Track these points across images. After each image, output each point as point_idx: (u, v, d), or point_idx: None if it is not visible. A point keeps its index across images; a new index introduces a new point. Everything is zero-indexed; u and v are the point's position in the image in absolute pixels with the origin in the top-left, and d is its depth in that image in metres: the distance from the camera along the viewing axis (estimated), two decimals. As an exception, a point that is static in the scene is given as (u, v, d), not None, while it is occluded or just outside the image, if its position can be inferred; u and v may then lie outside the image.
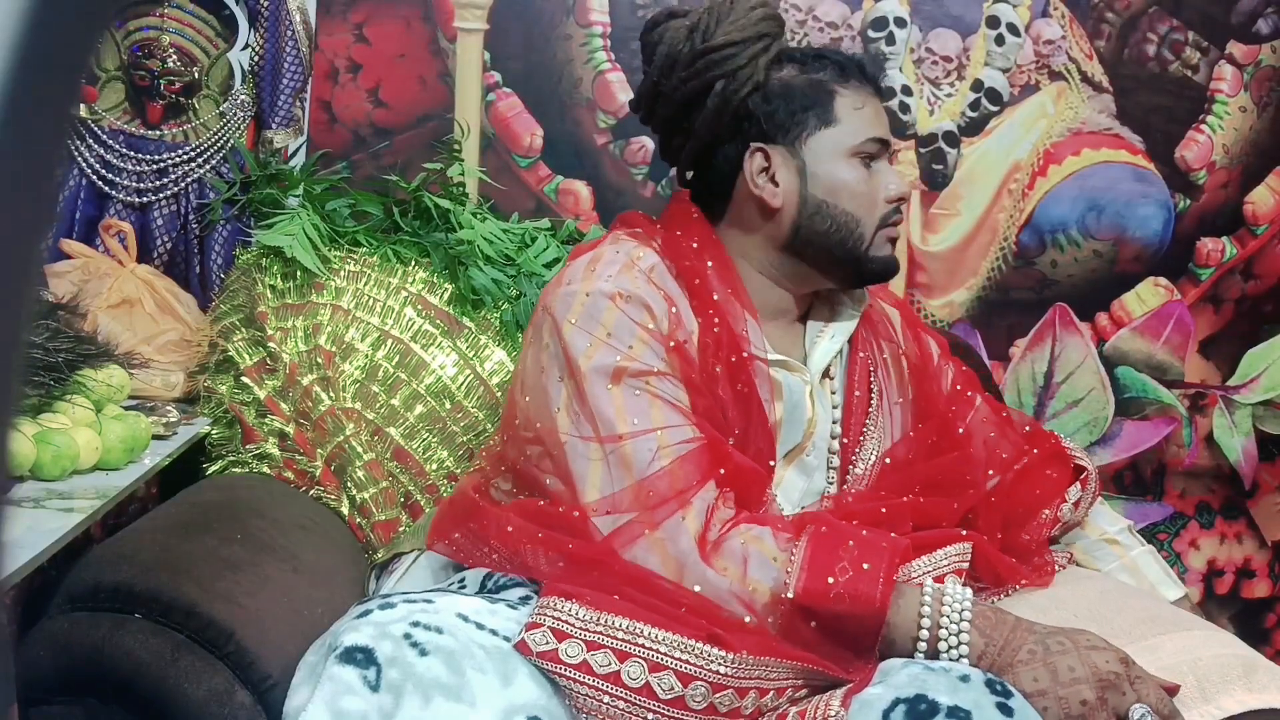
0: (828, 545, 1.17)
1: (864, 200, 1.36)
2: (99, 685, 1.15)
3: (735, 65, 1.35)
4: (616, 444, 1.21)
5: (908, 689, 1.11)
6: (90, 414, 1.41)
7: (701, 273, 1.33)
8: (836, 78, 1.37)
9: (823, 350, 1.41)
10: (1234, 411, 2.33)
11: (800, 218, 1.36)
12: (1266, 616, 2.38)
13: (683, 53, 1.37)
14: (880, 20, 2.19)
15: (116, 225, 1.91)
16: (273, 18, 1.97)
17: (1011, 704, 1.10)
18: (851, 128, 1.36)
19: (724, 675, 1.12)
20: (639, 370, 1.24)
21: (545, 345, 1.29)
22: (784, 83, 1.37)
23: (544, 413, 1.27)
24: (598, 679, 1.11)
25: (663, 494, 1.19)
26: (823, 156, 1.36)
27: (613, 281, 1.28)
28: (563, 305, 1.29)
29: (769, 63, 1.36)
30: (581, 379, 1.24)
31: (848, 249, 1.37)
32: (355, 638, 1.09)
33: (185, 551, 1.29)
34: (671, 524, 1.18)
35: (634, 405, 1.23)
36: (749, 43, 1.35)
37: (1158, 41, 2.26)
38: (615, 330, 1.25)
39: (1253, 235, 2.30)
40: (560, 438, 1.24)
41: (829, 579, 1.15)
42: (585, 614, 1.14)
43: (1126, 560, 1.52)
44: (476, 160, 2.10)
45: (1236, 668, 1.20)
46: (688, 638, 1.12)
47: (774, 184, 1.36)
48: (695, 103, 1.37)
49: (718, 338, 1.31)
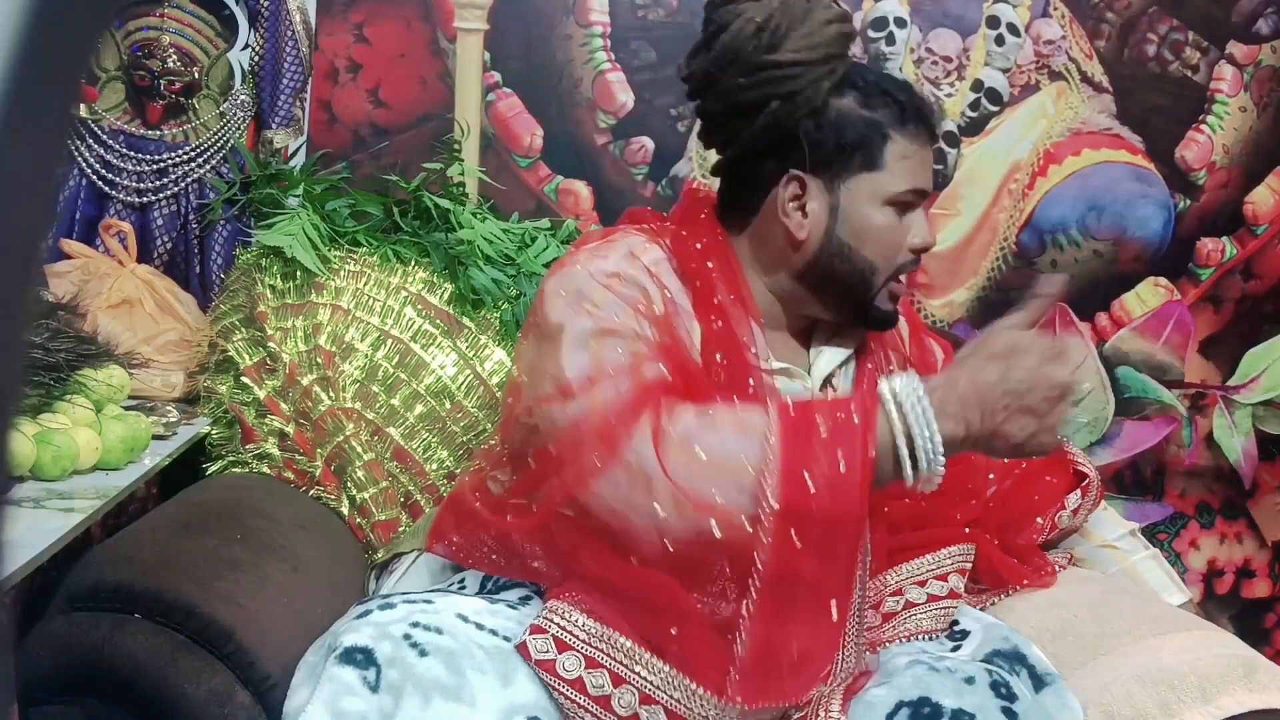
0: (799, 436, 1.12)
1: (888, 250, 1.32)
2: (99, 685, 1.15)
3: (799, 86, 1.27)
4: (587, 390, 1.16)
5: (911, 691, 1.11)
6: (90, 414, 1.41)
7: (704, 274, 1.31)
8: (894, 121, 1.30)
9: (827, 358, 1.38)
10: (1234, 411, 2.33)
11: (820, 255, 1.32)
12: (1266, 616, 2.38)
13: (746, 53, 1.28)
14: (880, 20, 2.19)
15: (116, 225, 1.91)
16: (273, 18, 1.97)
17: (1016, 708, 1.10)
18: (895, 176, 1.30)
19: (710, 718, 1.11)
20: (620, 330, 1.21)
21: (534, 317, 1.27)
22: (840, 114, 1.29)
23: (531, 383, 1.24)
24: (588, 699, 1.12)
25: (615, 417, 1.13)
26: (859, 199, 1.30)
27: (611, 263, 1.26)
28: (557, 281, 1.27)
29: (831, 88, 1.29)
30: (561, 340, 1.20)
31: (855, 295, 1.33)
32: (355, 638, 1.09)
33: (185, 551, 1.29)
34: (626, 442, 1.12)
35: (611, 354, 1.18)
36: (816, 65, 1.27)
37: (1158, 41, 2.26)
38: (602, 304, 1.23)
39: (1253, 235, 2.30)
40: (540, 403, 1.20)
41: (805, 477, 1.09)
42: (590, 626, 1.13)
43: (1127, 566, 1.51)
44: (476, 160, 2.10)
45: (1237, 668, 1.20)
46: (685, 676, 1.11)
47: (803, 214, 1.31)
48: (746, 111, 1.30)
49: (719, 337, 1.29)
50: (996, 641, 1.26)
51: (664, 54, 2.14)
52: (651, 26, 2.15)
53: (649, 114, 2.16)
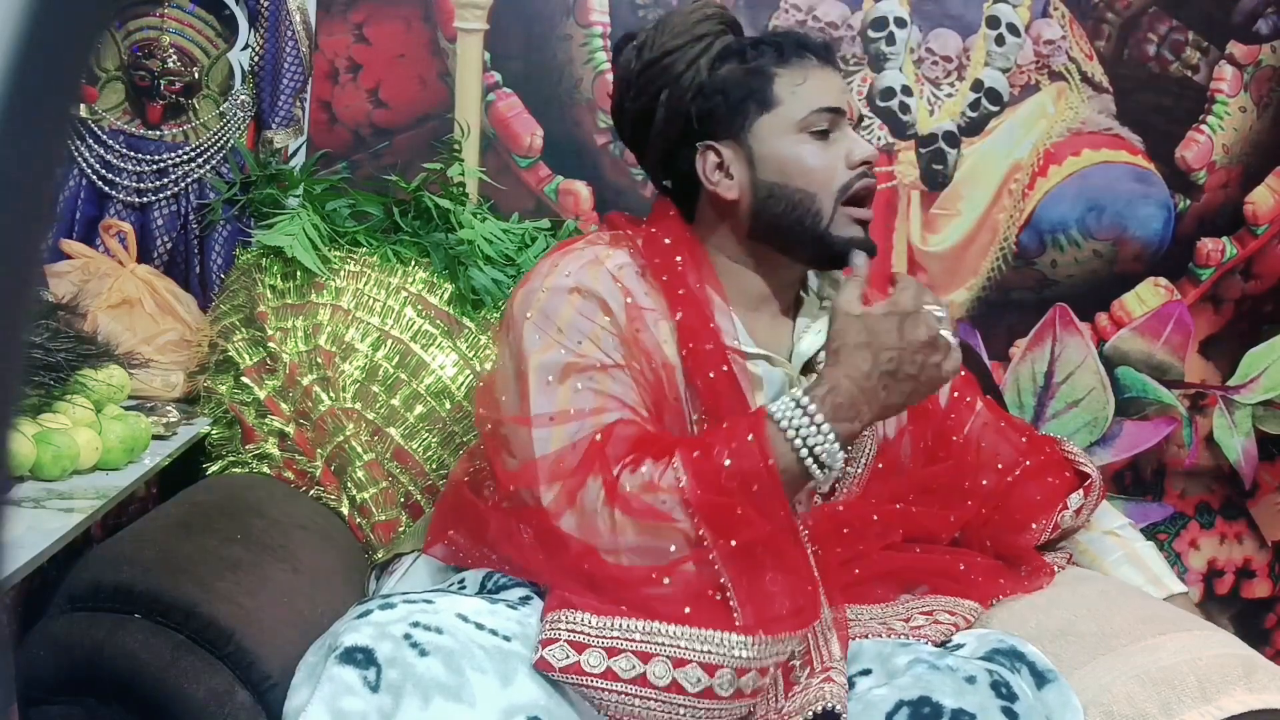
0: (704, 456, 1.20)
1: (818, 175, 1.34)
2: (99, 685, 1.15)
3: (676, 72, 1.36)
4: (548, 425, 1.23)
5: (911, 690, 1.11)
6: (90, 414, 1.41)
7: (671, 268, 1.34)
8: (774, 61, 1.36)
9: (809, 343, 1.40)
10: (1234, 411, 2.33)
11: (755, 204, 1.35)
12: (1266, 616, 2.38)
13: (634, 70, 1.38)
14: (880, 20, 2.19)
15: (116, 225, 1.91)
16: (273, 18, 1.97)
17: (1016, 708, 1.10)
18: (794, 104, 1.35)
19: (747, 659, 1.13)
20: (585, 366, 1.26)
21: (506, 344, 1.32)
22: (722, 78, 1.36)
23: (503, 407, 1.29)
24: (624, 684, 1.12)
25: (574, 463, 1.21)
26: (768, 140, 1.35)
27: (572, 277, 1.30)
28: (522, 304, 1.31)
29: (710, 62, 1.37)
30: (528, 374, 1.26)
31: (806, 227, 1.35)
32: (355, 638, 1.09)
33: (185, 551, 1.29)
34: (585, 488, 1.19)
35: (576, 399, 1.24)
36: (686, 47, 1.36)
37: (1158, 41, 2.26)
38: (567, 328, 1.27)
39: (1253, 235, 2.31)
40: (509, 427, 1.27)
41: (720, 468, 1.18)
42: (598, 621, 1.14)
43: (1129, 550, 1.50)
44: (476, 160, 2.10)
45: (1236, 668, 1.20)
46: (705, 628, 1.13)
47: (729, 177, 1.36)
48: (649, 116, 1.39)
49: (691, 327, 1.32)
50: (995, 640, 1.26)
51: (664, 54, 2.14)
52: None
53: (649, 114, 2.16)
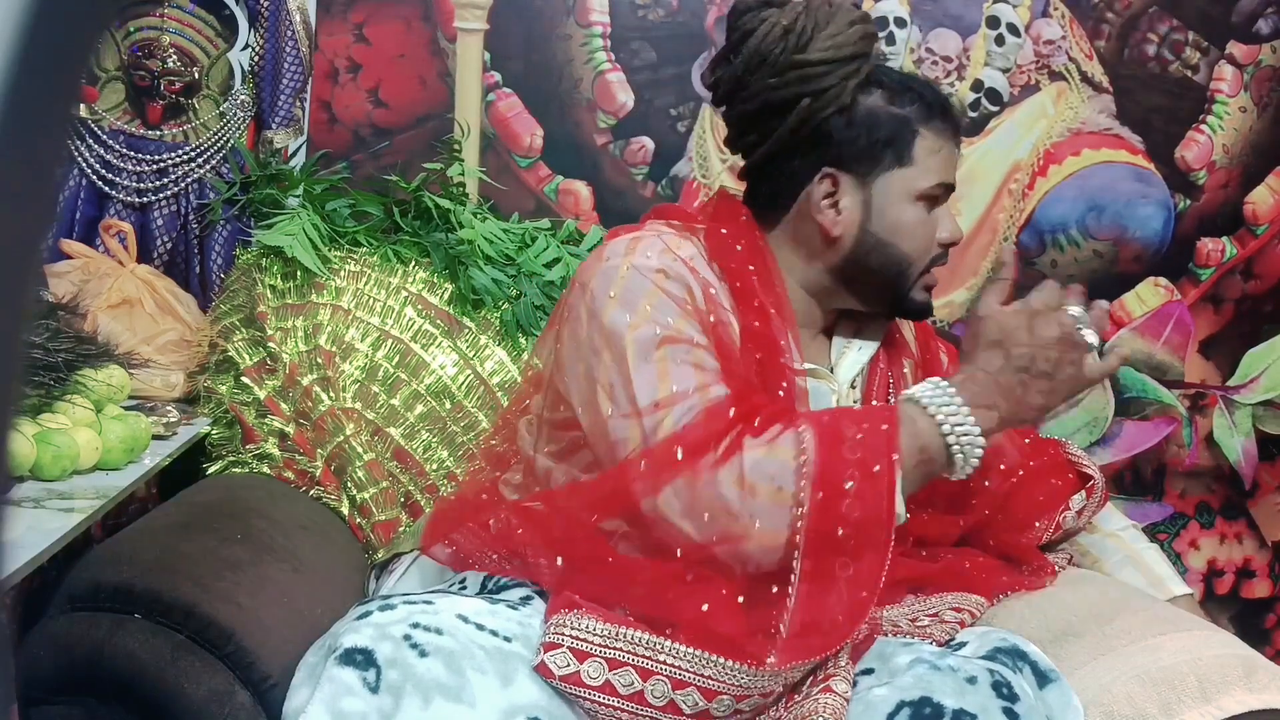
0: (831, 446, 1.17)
1: (920, 244, 1.35)
2: (99, 685, 1.15)
3: (826, 85, 1.30)
4: (655, 413, 1.19)
5: (912, 691, 1.11)
6: (90, 414, 1.41)
7: (744, 275, 1.32)
8: (921, 116, 1.33)
9: (850, 361, 1.40)
10: (1234, 411, 2.33)
11: (856, 251, 1.34)
12: (1266, 616, 2.38)
13: (775, 55, 1.31)
14: (880, 20, 2.19)
15: (116, 225, 1.91)
16: (273, 18, 1.97)
17: (1017, 708, 1.10)
18: (925, 171, 1.33)
19: (747, 686, 1.12)
20: (681, 339, 1.23)
21: (582, 322, 1.27)
22: (869, 111, 1.32)
23: (586, 393, 1.25)
24: (621, 699, 1.12)
25: (691, 445, 1.17)
26: (891, 195, 1.33)
27: (654, 259, 1.27)
28: (603, 281, 1.27)
29: (857, 86, 1.32)
30: (625, 353, 1.22)
31: (892, 288, 1.36)
32: (355, 639, 1.09)
33: (185, 551, 1.29)
34: (704, 471, 1.16)
35: (677, 372, 1.21)
36: (843, 63, 1.31)
37: (1158, 41, 2.26)
38: (657, 306, 1.24)
39: (1253, 235, 2.30)
40: (603, 417, 1.22)
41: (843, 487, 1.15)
42: (603, 629, 1.13)
43: (1130, 552, 1.50)
44: (476, 160, 2.10)
45: (1237, 668, 1.20)
46: (710, 653, 1.12)
47: (836, 211, 1.33)
48: (778, 110, 1.33)
49: (758, 337, 1.30)
50: (998, 639, 1.26)
51: (664, 54, 2.15)
52: (651, 26, 2.15)
53: (649, 114, 2.16)
